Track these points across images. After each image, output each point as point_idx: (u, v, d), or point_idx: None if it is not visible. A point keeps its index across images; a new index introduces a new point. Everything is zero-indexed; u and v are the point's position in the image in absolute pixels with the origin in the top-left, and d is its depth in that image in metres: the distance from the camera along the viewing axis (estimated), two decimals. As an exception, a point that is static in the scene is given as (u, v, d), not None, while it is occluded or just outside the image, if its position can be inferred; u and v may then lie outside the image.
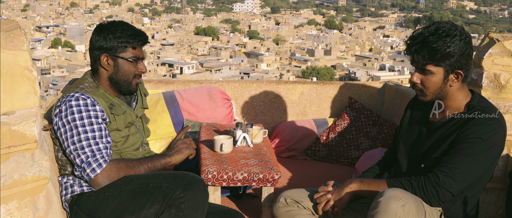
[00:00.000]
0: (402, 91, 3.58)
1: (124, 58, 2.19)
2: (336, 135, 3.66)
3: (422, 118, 2.14)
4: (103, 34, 2.19)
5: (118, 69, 2.20)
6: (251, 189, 3.09)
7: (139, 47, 2.23)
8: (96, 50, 2.21)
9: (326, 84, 3.89)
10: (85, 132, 2.08)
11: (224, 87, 3.78)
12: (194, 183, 1.97)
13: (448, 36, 1.92)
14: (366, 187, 2.08)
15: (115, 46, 2.18)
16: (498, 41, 2.69)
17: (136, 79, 2.25)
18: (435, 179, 1.92)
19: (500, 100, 2.69)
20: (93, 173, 2.05)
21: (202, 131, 3.09)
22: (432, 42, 1.92)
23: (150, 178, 2.03)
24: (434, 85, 2.00)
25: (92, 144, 2.08)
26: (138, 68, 2.24)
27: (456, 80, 1.98)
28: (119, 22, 2.23)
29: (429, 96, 2.04)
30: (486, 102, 2.03)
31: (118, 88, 2.24)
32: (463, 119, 1.97)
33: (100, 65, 2.21)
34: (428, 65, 1.97)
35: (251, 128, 2.85)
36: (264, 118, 3.83)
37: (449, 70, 1.96)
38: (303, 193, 2.28)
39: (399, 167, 2.18)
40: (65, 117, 2.10)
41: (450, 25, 1.95)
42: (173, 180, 1.98)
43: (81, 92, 2.14)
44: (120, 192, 2.04)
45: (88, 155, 2.06)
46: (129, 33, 2.19)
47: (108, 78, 2.22)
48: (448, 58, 1.93)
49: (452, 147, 1.95)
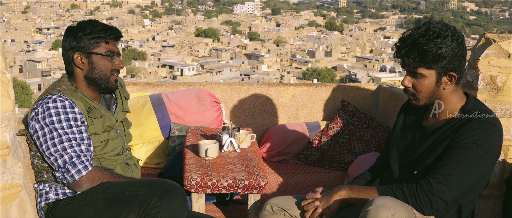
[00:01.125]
0: (397, 93, 3.48)
1: (98, 53, 2.12)
2: (329, 138, 3.57)
3: (415, 122, 2.07)
4: (73, 34, 2.13)
5: (94, 66, 2.13)
6: (239, 195, 2.99)
7: (112, 41, 2.16)
8: (68, 51, 2.14)
9: (318, 86, 3.79)
10: (66, 133, 2.00)
11: (213, 89, 3.68)
12: (171, 191, 1.89)
13: (439, 37, 1.84)
14: (355, 194, 1.99)
15: (87, 43, 2.11)
16: (494, 42, 2.59)
17: (114, 75, 2.18)
18: (427, 187, 1.84)
19: (496, 103, 2.60)
20: (79, 174, 1.98)
21: (188, 135, 3.00)
22: (423, 44, 1.84)
23: (126, 185, 1.95)
24: (426, 89, 1.92)
25: (75, 145, 2.00)
26: (114, 63, 2.17)
27: (450, 83, 1.91)
28: (89, 21, 2.17)
29: (422, 100, 1.96)
30: (482, 105, 1.95)
31: (97, 87, 2.16)
32: (458, 123, 1.89)
33: (75, 65, 2.14)
34: (419, 68, 1.89)
35: (238, 132, 2.76)
36: (254, 121, 3.73)
37: (442, 72, 1.89)
38: (290, 200, 2.19)
39: (391, 173, 2.10)
40: (42, 120, 2.01)
41: (441, 26, 1.87)
42: (149, 188, 1.89)
43: (59, 94, 2.06)
44: (95, 200, 1.96)
45: (72, 156, 1.99)
46: (99, 28, 2.13)
47: (85, 78, 2.15)
48: (440, 60, 1.86)
49: (446, 153, 1.88)
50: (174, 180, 2.78)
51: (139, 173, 2.36)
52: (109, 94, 2.29)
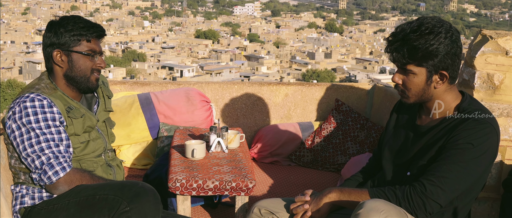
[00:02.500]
0: (392, 93, 3.39)
1: (78, 52, 2.03)
2: (322, 139, 3.48)
3: (408, 121, 1.99)
4: (54, 29, 2.04)
5: (73, 65, 2.04)
6: (228, 198, 2.90)
7: (94, 39, 2.07)
8: (48, 47, 2.05)
9: (311, 86, 3.70)
10: (43, 134, 1.92)
11: (203, 89, 3.59)
12: (142, 194, 1.80)
13: (431, 33, 1.76)
14: (346, 196, 1.91)
15: (67, 40, 2.02)
16: (491, 39, 2.51)
17: (95, 74, 2.09)
18: (421, 189, 1.77)
19: (493, 102, 2.51)
20: (56, 176, 1.90)
21: (176, 135, 2.91)
22: (413, 40, 1.77)
23: (98, 188, 1.87)
24: (416, 86, 1.85)
25: (53, 145, 1.92)
26: (95, 63, 2.08)
27: (441, 82, 1.83)
28: (71, 16, 2.08)
29: (411, 98, 1.88)
30: (478, 104, 1.87)
31: (77, 86, 2.08)
32: (453, 123, 1.82)
33: (54, 63, 2.05)
34: (409, 65, 1.82)
35: (227, 132, 2.67)
36: (246, 121, 3.64)
37: (433, 71, 1.81)
38: (279, 203, 2.11)
39: (384, 175, 2.03)
40: (19, 119, 1.93)
41: (435, 22, 1.79)
42: (119, 191, 1.81)
43: (37, 93, 1.97)
44: (67, 204, 1.88)
45: (49, 157, 1.91)
46: (81, 25, 2.04)
47: (64, 76, 2.06)
48: (430, 58, 1.78)
49: (440, 154, 1.80)
50: (160, 181, 2.70)
51: (123, 174, 2.28)
52: (91, 94, 2.21)
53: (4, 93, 29.46)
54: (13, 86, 31.40)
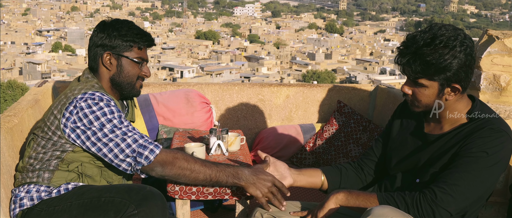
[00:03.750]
0: (395, 94, 3.33)
1: (129, 58, 2.04)
2: (324, 141, 3.43)
3: (416, 129, 1.94)
4: (107, 31, 2.03)
5: (122, 69, 2.04)
6: (229, 201, 2.85)
7: (144, 48, 2.09)
8: (98, 47, 2.04)
9: (313, 87, 3.64)
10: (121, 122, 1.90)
11: (203, 90, 3.53)
12: (150, 198, 1.77)
13: (446, 47, 1.68)
14: (354, 200, 1.86)
15: (120, 44, 2.02)
16: (497, 39, 2.45)
17: (140, 82, 2.10)
18: (431, 196, 1.72)
19: (500, 104, 2.46)
20: (153, 154, 1.87)
21: (175, 137, 2.86)
22: (426, 54, 1.69)
23: (103, 191, 1.83)
24: (426, 99, 1.80)
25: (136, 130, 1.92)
26: (142, 70, 2.09)
27: (453, 94, 1.77)
28: (125, 21, 2.08)
29: (421, 108, 1.85)
30: (489, 110, 1.82)
31: (120, 91, 2.08)
32: (465, 130, 1.77)
33: (102, 64, 2.04)
34: (420, 79, 1.76)
35: (227, 134, 2.62)
36: (246, 123, 3.58)
37: (445, 84, 1.75)
38: None
39: (392, 181, 1.98)
40: (85, 117, 1.88)
41: (449, 33, 1.70)
42: (127, 194, 1.77)
43: (98, 91, 1.96)
44: (70, 206, 1.84)
45: (136, 139, 1.88)
46: (135, 32, 2.05)
47: (110, 80, 2.05)
48: (443, 72, 1.71)
49: (453, 161, 1.75)
50: (159, 185, 2.64)
51: None
52: (121, 102, 2.19)
53: (4, 94, 29.43)
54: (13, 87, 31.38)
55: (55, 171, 1.95)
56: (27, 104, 2.65)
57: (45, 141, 1.95)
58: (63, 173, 1.96)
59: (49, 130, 1.94)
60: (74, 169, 1.96)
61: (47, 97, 3.07)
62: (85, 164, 1.98)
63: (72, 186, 1.94)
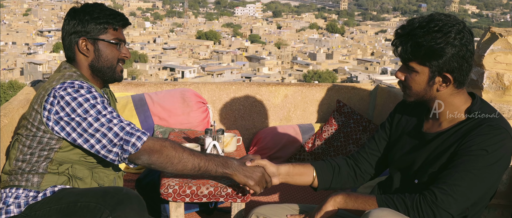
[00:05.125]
0: (396, 94, 3.27)
1: (105, 40, 1.94)
2: (323, 142, 3.37)
3: (414, 128, 1.89)
4: (79, 17, 1.93)
5: (100, 54, 1.94)
6: (224, 203, 2.79)
7: (120, 28, 2.00)
8: (71, 35, 1.94)
9: (312, 86, 3.58)
10: (105, 108, 1.81)
11: (200, 89, 3.47)
12: (125, 201, 1.69)
13: (439, 31, 1.65)
14: (352, 202, 1.81)
15: (93, 28, 1.93)
16: (501, 36, 2.39)
17: (120, 64, 2.01)
18: (431, 198, 1.66)
19: (503, 103, 2.40)
20: (140, 141, 1.78)
21: (170, 138, 2.80)
22: (418, 36, 1.66)
23: (80, 195, 1.75)
24: (416, 85, 1.75)
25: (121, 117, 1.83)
26: (121, 52, 1.99)
27: (445, 85, 1.72)
28: (95, 4, 1.99)
29: (412, 97, 1.80)
30: (490, 108, 1.76)
31: (102, 77, 1.98)
32: (464, 128, 1.72)
33: (79, 51, 1.94)
34: (411, 61, 1.72)
35: (223, 135, 2.56)
36: (244, 123, 3.52)
37: (436, 71, 1.70)
38: (278, 209, 2.02)
39: (390, 182, 1.93)
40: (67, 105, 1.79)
41: (447, 20, 1.67)
42: (102, 198, 1.69)
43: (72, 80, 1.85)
44: (49, 211, 1.76)
45: (122, 126, 1.79)
46: (108, 12, 1.95)
47: (90, 67, 1.96)
48: (434, 58, 1.67)
49: (452, 160, 1.70)
50: (153, 186, 2.59)
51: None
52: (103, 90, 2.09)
53: (5, 94, 29.47)
54: (14, 88, 31.43)
55: (45, 174, 1.87)
56: (18, 104, 2.59)
57: (29, 140, 1.87)
58: (53, 177, 1.88)
59: (33, 126, 1.85)
60: (64, 171, 1.89)
61: (40, 97, 3.01)
62: (75, 166, 1.90)
63: (59, 189, 1.87)
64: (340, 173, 2.04)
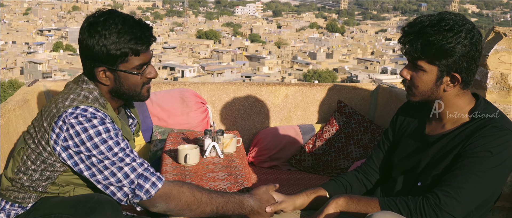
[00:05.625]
0: (397, 94, 3.23)
1: (127, 71, 1.74)
2: (324, 142, 3.32)
3: (417, 130, 1.86)
4: (95, 39, 1.69)
5: (121, 83, 1.76)
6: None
7: (144, 50, 1.77)
8: (88, 60, 1.74)
9: (312, 86, 3.53)
10: (117, 143, 1.67)
11: (199, 89, 3.43)
12: (97, 209, 1.62)
13: (450, 31, 1.62)
14: (354, 205, 1.78)
15: (112, 56, 1.70)
16: (505, 36, 2.35)
17: (146, 86, 1.83)
18: (435, 201, 1.63)
19: (507, 104, 2.36)
20: (154, 187, 1.67)
21: (169, 138, 2.76)
22: (430, 34, 1.63)
23: (54, 206, 1.69)
24: (424, 85, 1.72)
25: (134, 154, 1.70)
26: (145, 75, 1.80)
27: (452, 85, 1.69)
28: (113, 21, 1.70)
29: (417, 96, 1.76)
30: (494, 109, 1.73)
31: (124, 99, 1.83)
32: (467, 129, 1.68)
33: (97, 79, 1.76)
34: (420, 60, 1.68)
35: (222, 135, 2.52)
36: (244, 124, 3.48)
37: (444, 71, 1.67)
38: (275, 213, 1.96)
39: (393, 184, 1.90)
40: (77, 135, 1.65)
41: (457, 19, 1.65)
42: (73, 208, 1.63)
43: (91, 106, 1.70)
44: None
45: (134, 167, 1.66)
46: (128, 37, 1.70)
47: (109, 92, 1.80)
48: (444, 57, 1.64)
49: (456, 162, 1.67)
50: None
51: None
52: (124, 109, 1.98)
53: (5, 94, 29.41)
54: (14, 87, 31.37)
55: (43, 193, 1.76)
56: (15, 104, 2.55)
57: (34, 155, 1.73)
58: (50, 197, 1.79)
59: (39, 143, 1.72)
60: (65, 194, 1.77)
61: (37, 97, 2.96)
62: (78, 189, 1.78)
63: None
64: (352, 191, 2.02)
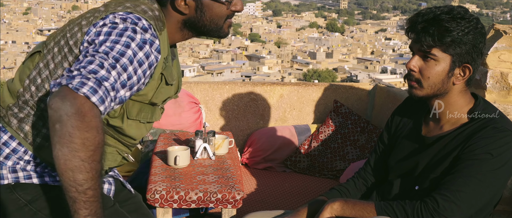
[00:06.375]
0: (395, 94, 3.16)
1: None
2: (319, 143, 3.27)
3: (413, 131, 1.79)
4: None
5: (203, 12, 1.44)
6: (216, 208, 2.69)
7: None
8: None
9: (308, 86, 3.47)
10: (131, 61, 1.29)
11: (192, 89, 3.36)
12: None
13: (464, 19, 1.58)
14: (350, 209, 1.71)
15: None
16: (505, 34, 2.28)
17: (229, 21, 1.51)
18: (433, 205, 1.57)
19: (508, 104, 2.30)
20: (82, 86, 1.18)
21: (160, 140, 2.69)
22: (445, 21, 1.57)
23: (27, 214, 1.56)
24: (435, 76, 1.62)
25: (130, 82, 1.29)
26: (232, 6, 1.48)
27: (461, 78, 1.62)
28: None
29: (425, 90, 1.65)
30: (493, 109, 1.67)
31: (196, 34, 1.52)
32: (466, 130, 1.62)
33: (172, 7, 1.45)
34: (434, 48, 1.60)
35: (214, 137, 2.45)
36: (238, 124, 3.41)
37: (457, 61, 1.61)
38: (270, 216, 1.91)
39: (390, 188, 1.83)
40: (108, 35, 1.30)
41: (465, 10, 1.62)
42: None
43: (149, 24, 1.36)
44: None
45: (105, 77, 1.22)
46: None
47: (183, 22, 1.47)
48: (459, 46, 1.58)
49: (455, 165, 1.61)
50: (140, 191, 2.46)
51: None
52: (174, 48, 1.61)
53: (3, 94, 29.38)
54: (13, 86, 31.35)
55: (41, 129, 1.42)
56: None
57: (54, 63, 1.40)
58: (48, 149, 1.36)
59: (66, 44, 1.39)
60: None
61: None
62: None
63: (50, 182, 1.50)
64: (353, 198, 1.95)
